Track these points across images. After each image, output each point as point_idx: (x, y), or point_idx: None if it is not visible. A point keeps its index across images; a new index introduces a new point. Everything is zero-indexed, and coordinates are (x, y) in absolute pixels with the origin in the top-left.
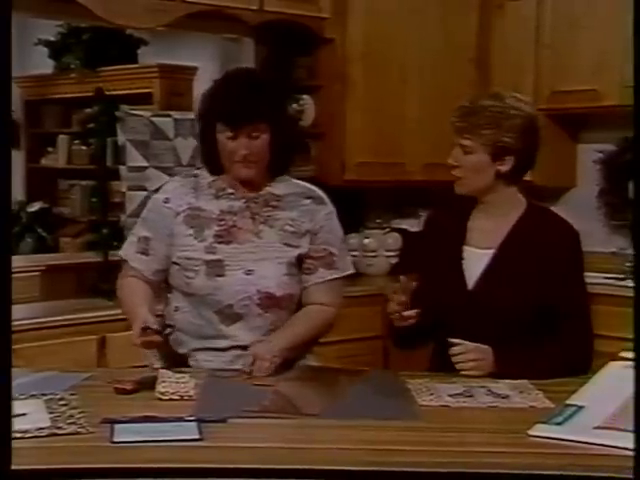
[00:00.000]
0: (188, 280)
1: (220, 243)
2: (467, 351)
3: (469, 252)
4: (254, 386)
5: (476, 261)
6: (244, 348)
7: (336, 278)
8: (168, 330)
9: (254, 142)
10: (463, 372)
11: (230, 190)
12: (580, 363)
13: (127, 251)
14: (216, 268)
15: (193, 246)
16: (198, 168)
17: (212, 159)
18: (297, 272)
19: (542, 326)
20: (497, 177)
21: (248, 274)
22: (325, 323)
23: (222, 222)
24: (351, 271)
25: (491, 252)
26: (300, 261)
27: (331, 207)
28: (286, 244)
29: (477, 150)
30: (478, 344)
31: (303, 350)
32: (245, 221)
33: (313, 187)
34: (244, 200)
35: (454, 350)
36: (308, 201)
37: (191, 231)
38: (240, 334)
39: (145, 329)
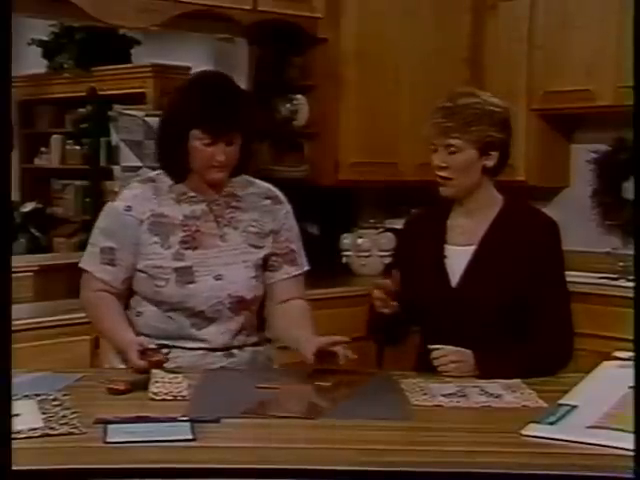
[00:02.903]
0: (157, 288)
1: (187, 249)
2: (447, 354)
3: (451, 250)
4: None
5: (458, 258)
6: (212, 350)
7: (299, 274)
8: (165, 350)
9: (229, 148)
10: (444, 374)
11: (192, 194)
12: (558, 362)
13: (89, 263)
14: (186, 275)
15: (160, 254)
16: (153, 170)
17: (177, 164)
18: (261, 273)
19: (522, 322)
20: (483, 173)
21: (218, 279)
22: (311, 315)
23: (186, 227)
24: (307, 267)
25: (472, 248)
26: (265, 261)
27: (288, 206)
28: (251, 245)
29: (465, 148)
30: (458, 348)
31: None
32: (209, 225)
33: (271, 186)
34: (206, 203)
35: (434, 354)
36: (268, 201)
37: (156, 239)
38: (210, 337)
39: (144, 351)
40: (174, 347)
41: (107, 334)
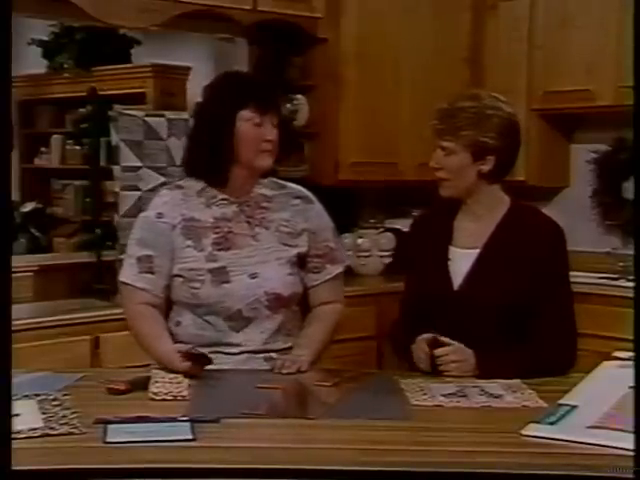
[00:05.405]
0: (194, 290)
1: (220, 250)
2: (448, 352)
3: (455, 252)
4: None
5: (462, 261)
6: (254, 352)
7: (342, 271)
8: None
9: (275, 131)
10: (445, 373)
11: (222, 196)
12: (561, 363)
13: (128, 275)
14: (221, 275)
15: (194, 257)
16: (180, 179)
17: (219, 165)
18: (298, 271)
19: (525, 325)
20: (479, 177)
21: (253, 277)
22: (338, 322)
23: (218, 229)
24: (348, 261)
25: (476, 252)
26: (301, 260)
27: (319, 204)
28: (284, 244)
29: (458, 151)
30: (460, 346)
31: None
32: (241, 225)
33: (299, 187)
34: (236, 205)
35: (436, 352)
36: (298, 201)
37: (189, 242)
38: (249, 339)
39: (186, 355)
40: (217, 353)
41: (150, 350)
